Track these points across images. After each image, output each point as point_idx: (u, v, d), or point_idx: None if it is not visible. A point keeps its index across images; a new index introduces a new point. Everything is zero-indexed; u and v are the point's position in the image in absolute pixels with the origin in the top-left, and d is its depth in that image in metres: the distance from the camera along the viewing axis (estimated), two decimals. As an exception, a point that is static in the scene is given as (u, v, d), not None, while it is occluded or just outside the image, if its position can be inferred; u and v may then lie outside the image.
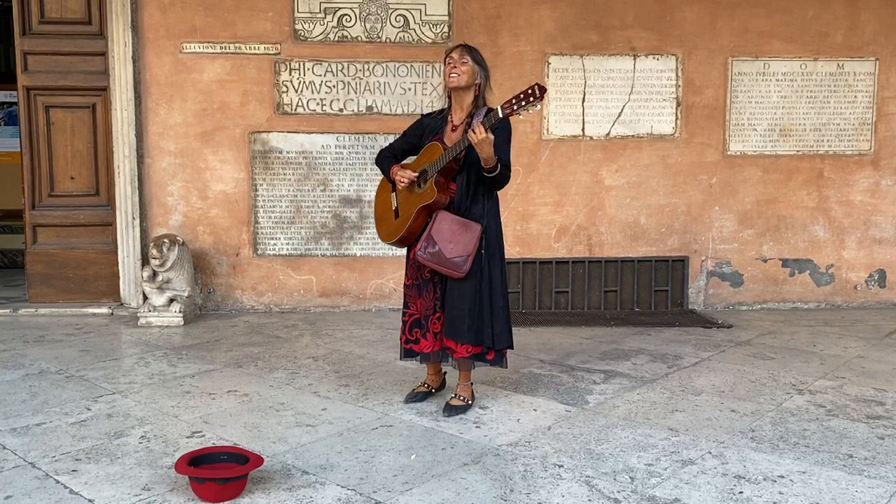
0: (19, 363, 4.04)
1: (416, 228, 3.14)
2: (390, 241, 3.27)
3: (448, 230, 3.04)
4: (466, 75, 3.07)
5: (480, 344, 3.11)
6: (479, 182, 3.09)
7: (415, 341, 3.25)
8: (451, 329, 3.10)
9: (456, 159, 3.04)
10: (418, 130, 3.29)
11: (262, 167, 5.46)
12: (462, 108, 3.15)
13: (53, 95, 5.44)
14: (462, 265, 3.02)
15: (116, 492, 2.42)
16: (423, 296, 3.20)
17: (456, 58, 3.09)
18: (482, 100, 3.13)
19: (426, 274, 3.17)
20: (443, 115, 3.24)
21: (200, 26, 5.34)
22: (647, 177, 5.60)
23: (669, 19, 5.51)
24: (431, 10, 5.42)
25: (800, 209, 5.70)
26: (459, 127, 3.13)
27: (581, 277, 5.61)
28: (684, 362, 4.10)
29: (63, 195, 5.53)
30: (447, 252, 3.01)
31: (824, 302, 5.77)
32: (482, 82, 3.11)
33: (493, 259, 3.13)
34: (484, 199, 3.12)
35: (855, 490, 2.46)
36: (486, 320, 3.10)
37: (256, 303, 5.54)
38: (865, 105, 5.64)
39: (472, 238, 3.03)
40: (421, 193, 3.11)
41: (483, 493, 2.42)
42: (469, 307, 3.06)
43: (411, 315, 3.26)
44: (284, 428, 3.03)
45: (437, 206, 3.08)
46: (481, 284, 3.09)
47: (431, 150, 3.13)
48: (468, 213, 3.09)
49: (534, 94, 2.78)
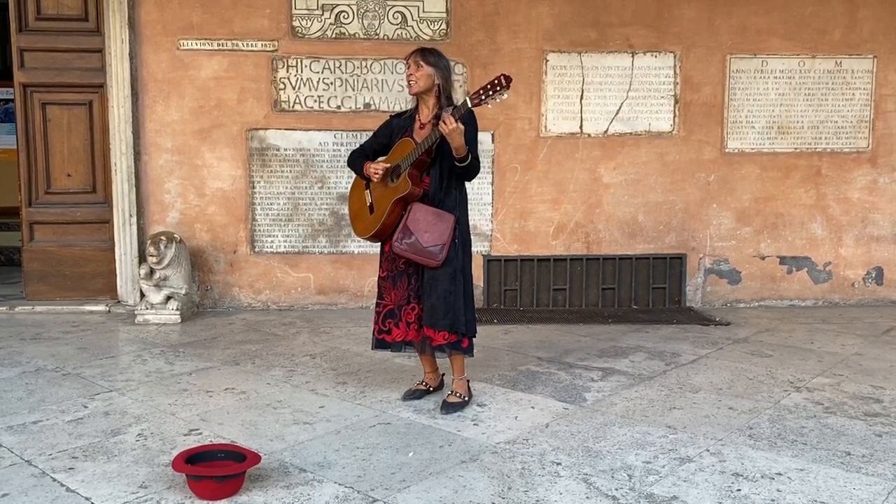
0: (16, 361, 4.03)
1: (392, 222, 3.19)
2: (366, 236, 3.32)
3: (423, 220, 3.11)
4: (423, 80, 3.15)
5: (455, 331, 3.16)
6: (451, 175, 3.16)
7: (387, 332, 3.30)
8: (429, 318, 3.16)
9: (427, 152, 3.10)
10: (388, 130, 3.36)
11: (259, 164, 5.44)
12: (428, 108, 3.23)
13: (50, 92, 5.42)
14: (438, 254, 3.09)
15: (113, 489, 2.42)
16: (396, 286, 3.25)
17: (411, 64, 3.17)
18: (446, 98, 3.19)
19: (401, 265, 3.23)
20: (410, 115, 3.32)
21: (197, 23, 5.32)
22: (645, 174, 5.60)
23: (667, 16, 5.50)
24: (429, 6, 5.40)
25: (797, 206, 5.70)
26: (427, 125, 3.20)
27: (579, 275, 5.61)
28: (682, 360, 4.10)
29: (60, 192, 5.51)
30: (423, 241, 3.08)
31: (822, 299, 5.77)
32: (441, 82, 3.16)
33: (464, 249, 3.22)
34: (456, 192, 3.20)
35: (853, 487, 2.46)
36: (460, 308, 3.16)
37: (254, 300, 5.53)
38: (863, 102, 5.64)
39: (447, 228, 3.11)
40: (395, 187, 3.17)
41: (481, 490, 2.42)
42: (445, 295, 3.13)
43: (385, 306, 3.30)
44: (282, 426, 3.03)
45: (412, 197, 3.15)
46: (455, 273, 3.16)
47: (403, 146, 3.20)
48: (442, 205, 3.16)
49: (500, 84, 2.90)
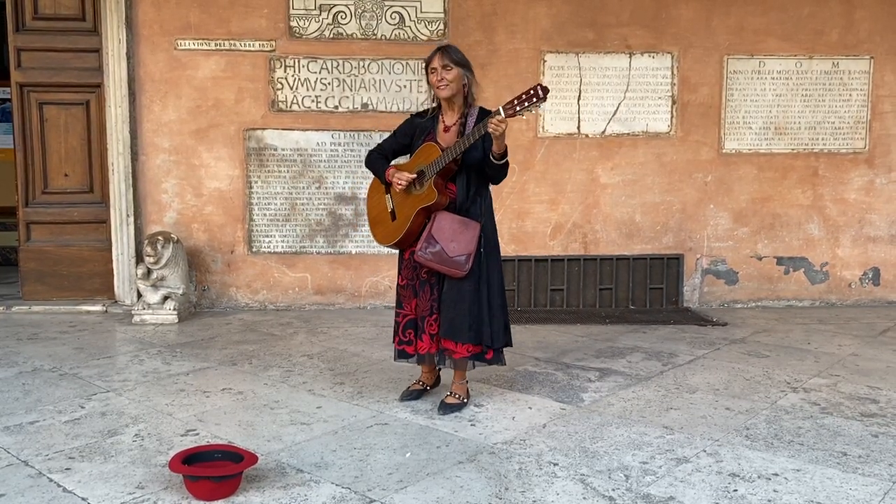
0: (13, 361, 4.02)
1: (415, 230, 3.10)
2: (388, 244, 3.23)
3: (449, 229, 3.02)
4: (455, 82, 3.04)
5: (480, 343, 3.10)
6: (478, 183, 3.09)
7: (408, 342, 3.22)
8: (450, 329, 3.07)
9: (455, 160, 3.01)
10: (409, 130, 3.23)
11: (256, 164, 5.44)
12: (453, 110, 3.13)
13: (47, 92, 5.42)
14: (464, 264, 3.01)
15: (110, 490, 2.41)
16: (419, 296, 3.17)
17: (439, 67, 3.03)
18: (471, 97, 3.11)
19: (423, 274, 3.14)
20: (433, 115, 3.20)
21: (195, 23, 5.32)
22: (642, 175, 5.60)
23: (665, 17, 5.51)
24: (427, 7, 5.40)
25: (795, 207, 5.71)
26: (452, 128, 3.10)
27: (576, 275, 5.61)
28: (679, 360, 4.10)
29: (57, 192, 5.51)
30: (449, 251, 3.00)
31: (819, 300, 5.78)
32: (468, 81, 3.08)
33: (490, 258, 3.13)
34: (481, 200, 3.12)
35: (849, 488, 2.46)
36: (485, 319, 3.09)
37: (251, 300, 5.52)
38: (860, 103, 5.65)
39: (473, 237, 3.03)
40: (419, 195, 3.07)
41: (478, 491, 2.42)
42: (468, 307, 3.05)
43: (405, 315, 3.23)
44: (279, 426, 3.03)
45: (438, 207, 3.05)
46: (479, 284, 3.08)
47: (428, 151, 3.07)
48: (468, 213, 3.08)
49: (536, 94, 2.76)
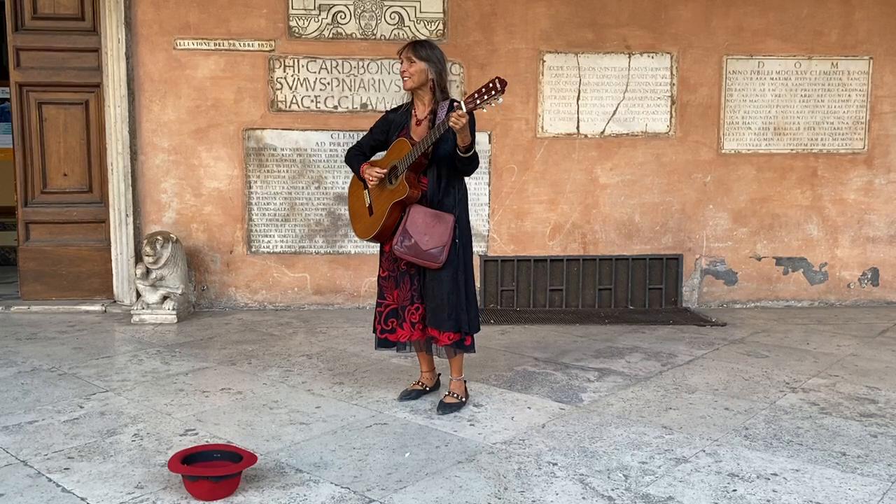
0: (11, 361, 4.02)
1: (391, 224, 3.18)
2: (367, 238, 3.30)
3: (422, 223, 3.09)
4: (417, 76, 3.11)
5: (459, 330, 3.16)
6: (449, 175, 3.15)
7: (391, 331, 3.29)
8: (433, 319, 3.14)
9: (425, 154, 3.08)
10: (384, 126, 3.32)
11: (256, 164, 5.44)
12: (424, 104, 3.20)
13: (46, 92, 5.42)
14: (438, 256, 3.08)
15: (109, 490, 2.41)
16: (399, 287, 3.24)
17: (404, 60, 3.13)
18: (441, 92, 3.16)
19: (402, 266, 3.21)
20: (406, 109, 3.28)
21: (194, 22, 5.32)
22: (641, 175, 5.61)
23: (664, 17, 5.51)
24: (426, 7, 5.41)
25: (794, 207, 5.71)
26: (424, 121, 3.17)
27: (575, 275, 5.61)
28: (678, 360, 4.10)
29: (56, 192, 5.51)
30: (423, 244, 3.07)
31: (818, 300, 5.78)
32: (435, 77, 3.13)
33: (465, 248, 3.20)
34: (454, 191, 3.18)
35: (848, 488, 2.46)
36: (462, 306, 3.16)
37: (250, 300, 5.52)
38: (859, 104, 5.65)
39: (446, 229, 3.09)
40: (393, 190, 3.15)
41: (477, 491, 2.42)
42: (447, 296, 3.12)
43: (387, 305, 3.30)
44: (278, 426, 3.02)
45: (410, 200, 3.13)
46: (457, 273, 3.15)
47: (399, 147, 3.16)
48: (441, 205, 3.14)
49: (495, 87, 2.84)
